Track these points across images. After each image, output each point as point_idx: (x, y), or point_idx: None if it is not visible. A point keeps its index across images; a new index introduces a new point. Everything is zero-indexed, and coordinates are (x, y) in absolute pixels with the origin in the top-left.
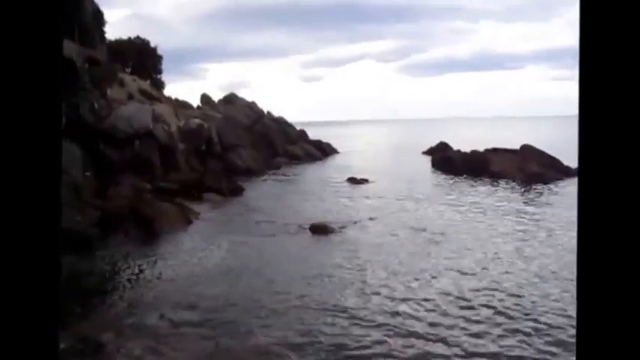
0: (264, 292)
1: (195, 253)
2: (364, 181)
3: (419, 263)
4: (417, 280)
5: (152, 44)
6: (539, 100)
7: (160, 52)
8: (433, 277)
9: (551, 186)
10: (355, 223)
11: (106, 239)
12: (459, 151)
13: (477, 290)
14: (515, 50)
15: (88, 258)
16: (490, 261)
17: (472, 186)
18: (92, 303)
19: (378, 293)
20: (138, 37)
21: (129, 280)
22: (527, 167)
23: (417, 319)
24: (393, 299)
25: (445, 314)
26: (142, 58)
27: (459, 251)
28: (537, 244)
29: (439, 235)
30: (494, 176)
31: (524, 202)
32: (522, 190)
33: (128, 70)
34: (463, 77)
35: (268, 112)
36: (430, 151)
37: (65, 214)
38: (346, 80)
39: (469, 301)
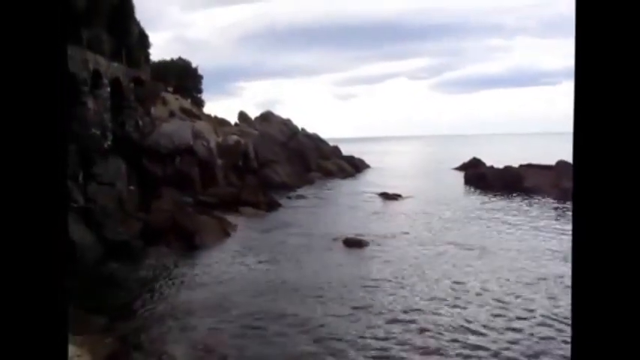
0: (294, 304)
1: (233, 265)
2: (397, 196)
3: (459, 276)
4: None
5: (193, 65)
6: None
7: (200, 71)
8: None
9: None
10: (388, 237)
11: (148, 250)
12: (492, 167)
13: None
14: (550, 66)
15: (129, 266)
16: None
17: (506, 202)
18: (132, 307)
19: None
20: (180, 58)
21: (168, 287)
22: (562, 183)
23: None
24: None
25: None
26: (183, 78)
27: (495, 265)
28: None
29: (476, 250)
30: (528, 192)
31: (557, 219)
32: (557, 206)
33: (170, 89)
34: (497, 94)
35: (303, 129)
36: (463, 167)
37: (110, 225)
38: (379, 98)
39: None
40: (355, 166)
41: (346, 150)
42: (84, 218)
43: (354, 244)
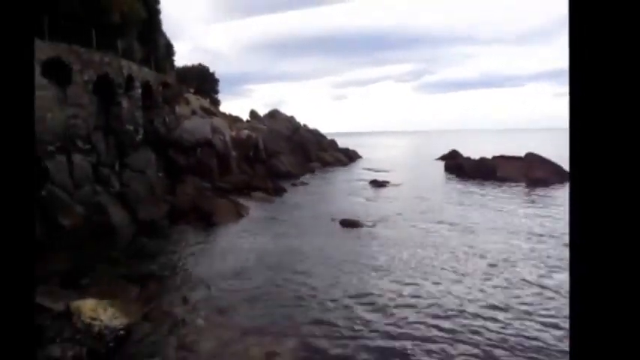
0: (296, 272)
1: (245, 240)
2: (386, 183)
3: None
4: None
5: (210, 70)
6: (542, 114)
7: (216, 76)
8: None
9: (553, 189)
10: (379, 218)
11: (174, 227)
12: (468, 158)
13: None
14: (518, 71)
15: (159, 241)
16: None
17: (482, 188)
18: (160, 276)
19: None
20: (199, 64)
21: (190, 259)
22: (531, 173)
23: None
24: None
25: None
26: (202, 81)
27: (476, 240)
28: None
29: (458, 226)
30: (501, 180)
31: (527, 201)
32: (526, 192)
33: (192, 90)
34: (471, 94)
35: (304, 125)
36: (443, 158)
37: (142, 206)
38: (370, 98)
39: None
40: (349, 157)
41: (341, 143)
42: (120, 201)
43: (349, 224)
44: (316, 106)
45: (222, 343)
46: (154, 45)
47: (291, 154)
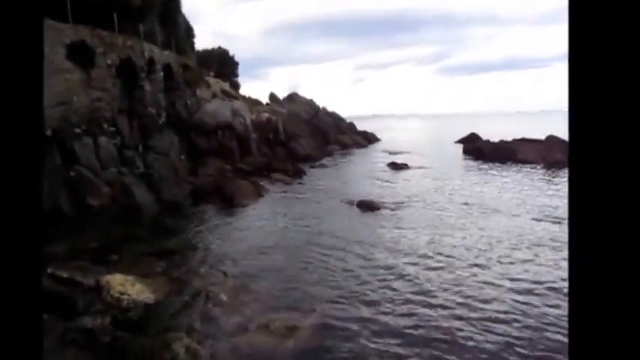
0: (315, 252)
1: (265, 220)
2: (404, 165)
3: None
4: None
5: (230, 53)
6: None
7: (236, 59)
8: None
9: None
10: (397, 200)
11: (196, 207)
12: (487, 141)
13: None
14: (543, 51)
15: (182, 221)
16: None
17: (501, 170)
18: (184, 253)
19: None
20: (219, 47)
21: (212, 237)
22: (550, 155)
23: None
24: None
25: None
26: (222, 64)
27: (498, 221)
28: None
29: (476, 208)
30: (520, 162)
31: (547, 182)
32: (545, 174)
33: (212, 73)
34: (494, 77)
35: (323, 108)
36: (462, 141)
37: (165, 187)
38: (389, 81)
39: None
40: (368, 140)
41: (360, 126)
42: (144, 182)
43: (366, 206)
44: (335, 88)
45: (245, 317)
46: (175, 27)
47: (311, 137)
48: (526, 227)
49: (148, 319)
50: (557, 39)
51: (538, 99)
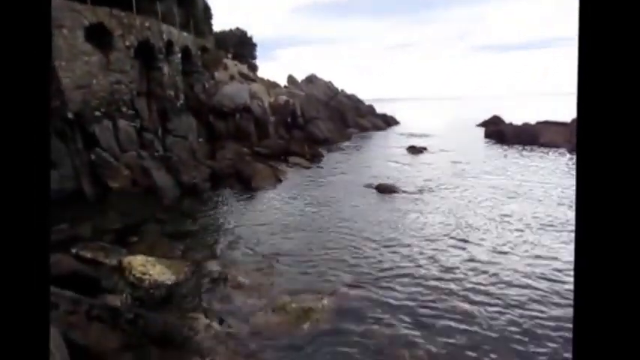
0: (333, 236)
1: (283, 204)
2: (423, 149)
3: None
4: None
5: (248, 34)
6: None
7: (253, 40)
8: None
9: None
10: (415, 183)
11: (215, 191)
12: (510, 124)
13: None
14: (572, 30)
15: (201, 204)
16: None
17: (523, 154)
18: (202, 236)
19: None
20: (237, 29)
21: (231, 220)
22: (574, 138)
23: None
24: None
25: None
26: (240, 46)
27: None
28: None
29: (499, 192)
30: (543, 146)
31: (571, 167)
32: (569, 158)
33: (230, 55)
34: (522, 55)
35: (342, 90)
36: (483, 124)
37: (184, 170)
38: (412, 61)
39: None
40: (387, 123)
41: (380, 108)
42: (164, 165)
43: (385, 189)
44: (355, 70)
45: (262, 299)
46: (193, 8)
47: (329, 120)
48: (551, 212)
49: (168, 299)
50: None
51: (570, 78)
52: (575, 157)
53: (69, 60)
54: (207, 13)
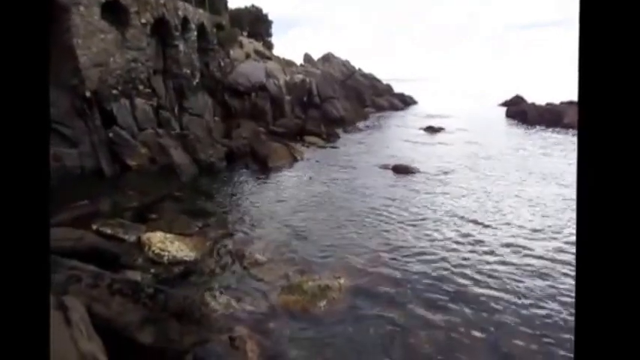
0: (345, 213)
1: (299, 183)
2: (441, 129)
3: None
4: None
5: (263, 12)
6: None
7: (269, 17)
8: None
9: None
10: (435, 165)
11: (231, 169)
12: (533, 104)
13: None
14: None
15: (217, 182)
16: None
17: (545, 136)
18: (219, 214)
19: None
20: (252, 6)
21: (247, 199)
22: None
23: None
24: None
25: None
26: (255, 24)
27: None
28: None
29: (518, 173)
30: (567, 127)
31: None
32: None
33: (245, 33)
34: (548, 31)
35: (359, 69)
36: (505, 104)
37: (201, 148)
38: (433, 40)
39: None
40: (405, 102)
41: (398, 88)
42: (181, 143)
43: (402, 170)
44: (371, 48)
45: (279, 277)
46: None
47: (345, 99)
48: (574, 196)
49: (187, 276)
50: None
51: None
52: None
53: (85, 37)
54: None
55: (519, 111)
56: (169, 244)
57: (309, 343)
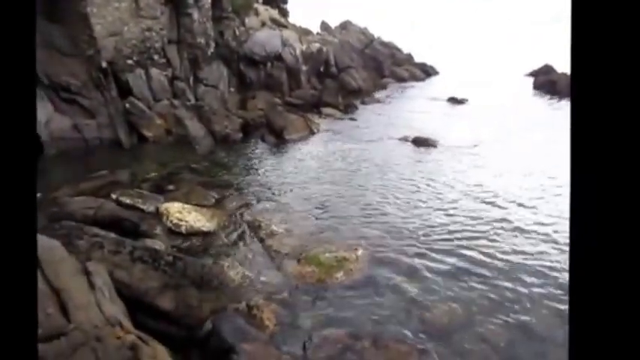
0: (363, 185)
1: (316, 156)
2: (464, 100)
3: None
4: None
5: None
6: None
7: None
8: None
9: None
10: (457, 138)
11: (247, 141)
12: (564, 74)
13: None
14: None
15: (233, 154)
16: None
17: None
18: (235, 185)
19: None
20: None
21: (263, 171)
22: None
23: None
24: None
25: None
26: None
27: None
28: None
29: (543, 148)
30: None
31: None
32: None
33: (260, 0)
34: None
35: (379, 37)
36: (533, 74)
37: (216, 120)
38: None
39: None
40: (426, 72)
41: (419, 57)
42: (196, 114)
43: (422, 143)
44: (390, 15)
45: (295, 249)
46: None
47: (364, 69)
48: None
49: (204, 246)
50: None
51: None
52: None
53: (100, 6)
54: None
55: (548, 81)
56: (187, 215)
57: (324, 314)
